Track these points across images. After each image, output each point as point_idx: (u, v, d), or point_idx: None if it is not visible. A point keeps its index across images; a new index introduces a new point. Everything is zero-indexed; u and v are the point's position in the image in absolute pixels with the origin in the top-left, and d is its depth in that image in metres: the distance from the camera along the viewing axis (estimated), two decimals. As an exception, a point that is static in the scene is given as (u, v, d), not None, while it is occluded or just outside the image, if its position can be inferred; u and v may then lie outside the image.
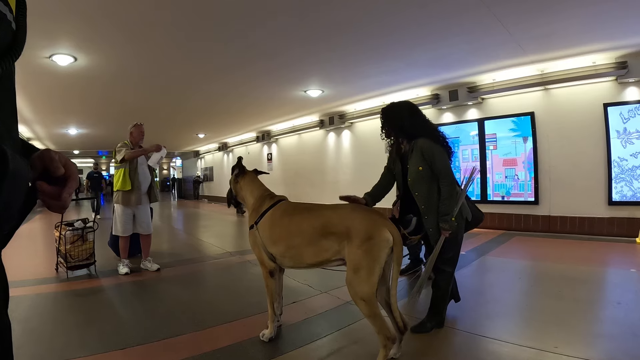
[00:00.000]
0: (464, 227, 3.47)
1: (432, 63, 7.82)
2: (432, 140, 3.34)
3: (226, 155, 23.30)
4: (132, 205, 5.66)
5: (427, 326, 3.37)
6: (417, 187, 3.33)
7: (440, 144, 3.40)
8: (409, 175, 3.39)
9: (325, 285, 4.76)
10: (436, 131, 3.53)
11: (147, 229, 5.88)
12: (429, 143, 3.30)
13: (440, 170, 3.24)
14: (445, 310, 3.49)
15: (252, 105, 11.91)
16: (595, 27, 5.87)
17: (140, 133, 5.78)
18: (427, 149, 3.27)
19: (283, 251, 3.06)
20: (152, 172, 5.89)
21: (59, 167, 0.77)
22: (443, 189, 3.24)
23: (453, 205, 3.25)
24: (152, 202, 5.93)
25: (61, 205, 0.79)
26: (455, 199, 3.28)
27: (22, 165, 0.66)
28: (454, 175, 3.33)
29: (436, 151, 3.27)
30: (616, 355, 2.75)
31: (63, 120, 13.81)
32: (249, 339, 3.29)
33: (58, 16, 5.11)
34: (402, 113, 3.48)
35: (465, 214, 3.43)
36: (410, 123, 3.44)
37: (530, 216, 8.51)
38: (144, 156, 5.77)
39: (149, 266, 5.86)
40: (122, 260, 5.77)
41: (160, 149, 5.68)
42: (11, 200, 0.63)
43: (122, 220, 5.68)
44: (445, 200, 3.22)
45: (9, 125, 0.71)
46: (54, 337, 3.42)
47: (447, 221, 3.20)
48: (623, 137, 7.23)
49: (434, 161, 3.25)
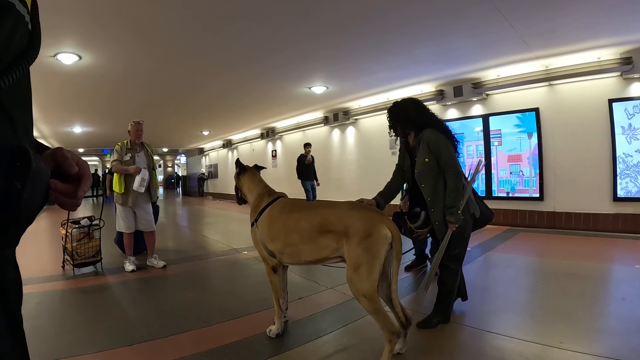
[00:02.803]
0: (471, 223, 3.47)
1: (436, 59, 7.80)
2: (438, 132, 3.36)
3: (231, 152, 23.32)
4: (128, 206, 5.70)
5: (432, 322, 3.38)
6: (424, 179, 3.35)
7: (446, 136, 3.41)
8: (416, 167, 3.41)
9: (331, 281, 4.78)
10: (442, 124, 3.54)
11: (149, 227, 5.91)
12: (435, 134, 3.32)
13: (446, 161, 3.25)
14: (451, 306, 3.51)
15: (257, 102, 11.93)
16: (600, 22, 5.84)
17: (136, 131, 5.75)
18: (433, 140, 3.29)
19: (281, 248, 3.09)
20: (151, 170, 5.84)
21: (73, 165, 0.78)
22: (448, 181, 3.25)
23: (459, 198, 3.25)
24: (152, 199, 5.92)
25: (75, 203, 0.80)
26: (461, 192, 3.28)
27: (43, 165, 0.68)
28: (460, 167, 3.33)
29: (442, 142, 3.28)
30: (621, 350, 2.75)
31: (68, 118, 13.87)
32: (255, 335, 3.31)
33: (62, 14, 5.12)
34: (407, 107, 3.51)
35: (472, 210, 3.43)
36: (416, 114, 3.46)
37: (535, 212, 8.49)
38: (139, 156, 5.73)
39: (155, 263, 5.89)
40: (128, 257, 5.82)
41: (139, 171, 5.53)
42: (33, 199, 0.65)
43: (124, 217, 5.73)
44: (451, 192, 3.23)
45: (27, 126, 0.72)
46: (61, 334, 3.46)
47: (454, 214, 3.21)
48: (628, 133, 7.19)
49: (440, 152, 3.26)
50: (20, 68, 0.66)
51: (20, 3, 0.66)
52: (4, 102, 0.64)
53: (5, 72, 0.62)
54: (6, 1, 0.63)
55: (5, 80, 0.62)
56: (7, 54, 0.65)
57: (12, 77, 0.63)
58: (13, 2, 0.64)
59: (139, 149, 5.80)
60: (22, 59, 0.67)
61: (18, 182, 0.61)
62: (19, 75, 0.65)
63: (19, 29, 0.67)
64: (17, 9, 0.65)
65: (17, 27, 0.67)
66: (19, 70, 0.65)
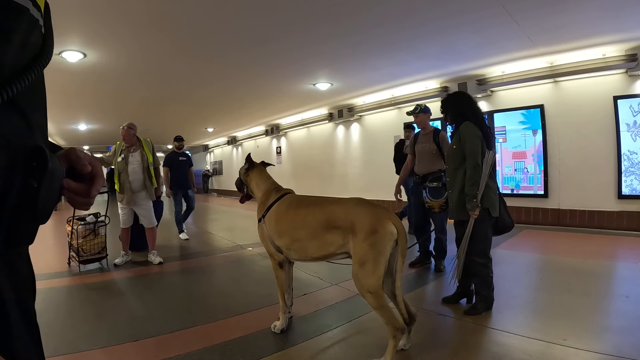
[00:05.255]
0: (488, 221, 3.63)
1: (440, 55, 7.78)
2: (475, 125, 3.60)
3: (235, 149, 23.36)
4: (125, 204, 5.79)
5: (477, 308, 3.59)
6: (449, 162, 3.83)
7: (482, 130, 3.62)
8: (447, 150, 3.92)
9: (335, 277, 4.81)
10: (482, 120, 3.77)
11: (148, 223, 5.97)
12: (470, 127, 3.60)
13: (468, 152, 3.54)
14: (491, 294, 3.66)
15: (261, 99, 11.94)
16: (605, 19, 5.80)
17: (123, 136, 5.79)
18: (464, 131, 3.60)
19: (288, 244, 3.12)
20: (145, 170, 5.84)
21: (86, 165, 0.79)
22: (467, 171, 3.53)
23: (474, 188, 3.47)
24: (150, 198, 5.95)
25: (88, 202, 0.82)
26: (477, 182, 3.48)
27: (58, 165, 0.70)
28: (479, 160, 3.52)
29: (470, 135, 3.56)
30: (624, 348, 2.76)
31: (73, 115, 13.92)
32: (260, 331, 3.34)
33: (67, 12, 5.13)
34: (462, 101, 3.88)
35: (487, 205, 3.55)
36: (467, 109, 3.78)
37: (540, 209, 8.48)
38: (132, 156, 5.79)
39: (152, 259, 5.96)
40: (121, 251, 5.96)
41: None
42: (49, 198, 0.67)
43: (120, 213, 5.87)
44: (468, 181, 3.51)
45: (42, 127, 0.74)
46: (67, 330, 3.50)
47: (469, 201, 3.49)
48: (633, 130, 7.16)
49: (466, 143, 3.56)
50: (36, 70, 0.67)
51: (34, 7, 0.68)
52: (20, 104, 0.66)
53: (22, 75, 0.64)
54: (21, 5, 0.64)
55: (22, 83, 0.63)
56: (23, 57, 0.66)
57: (29, 80, 0.65)
58: (27, 7, 0.65)
59: (133, 149, 5.84)
60: (37, 62, 0.68)
61: (35, 182, 0.63)
62: (34, 78, 0.66)
63: (33, 32, 0.69)
64: (31, 13, 0.67)
65: (32, 31, 0.68)
66: (35, 72, 0.67)
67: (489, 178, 3.55)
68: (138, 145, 5.89)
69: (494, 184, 3.64)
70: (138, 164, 5.77)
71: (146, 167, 5.82)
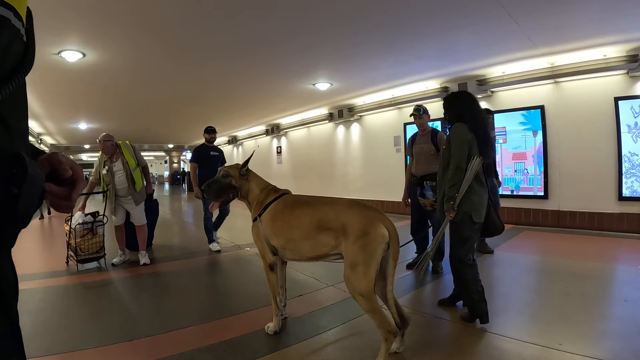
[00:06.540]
0: (469, 224, 3.46)
1: (440, 55, 7.75)
2: (467, 128, 3.50)
3: (236, 148, 23.38)
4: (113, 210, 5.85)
5: (468, 317, 3.48)
6: (440, 162, 3.74)
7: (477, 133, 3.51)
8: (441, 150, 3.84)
9: (331, 278, 4.79)
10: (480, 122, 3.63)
11: (139, 220, 5.98)
12: (459, 129, 3.51)
13: (452, 154, 3.46)
14: (479, 303, 3.38)
15: (262, 99, 11.94)
16: (606, 19, 5.76)
17: (102, 149, 5.81)
18: (452, 133, 3.54)
19: (283, 244, 3.12)
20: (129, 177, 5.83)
21: (67, 169, 0.83)
22: (449, 172, 3.47)
23: (453, 190, 3.40)
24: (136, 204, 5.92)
25: (69, 205, 0.85)
26: (457, 185, 3.40)
27: (38, 171, 0.74)
28: (462, 163, 3.42)
29: (458, 137, 3.48)
30: (622, 353, 2.74)
31: (73, 115, 13.95)
32: (255, 332, 3.34)
33: (66, 12, 5.14)
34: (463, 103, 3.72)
35: (468, 210, 3.42)
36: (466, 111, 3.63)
37: (540, 211, 8.44)
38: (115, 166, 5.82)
39: (140, 258, 5.97)
40: (119, 251, 6.01)
41: None
42: (30, 203, 0.70)
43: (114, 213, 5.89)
44: (448, 182, 3.46)
45: (23, 134, 0.77)
46: (64, 329, 3.50)
47: (447, 202, 3.43)
48: (634, 131, 7.13)
49: (452, 145, 3.49)
50: (17, 79, 0.69)
51: (15, 17, 0.70)
52: (1, 111, 0.68)
53: (3, 84, 0.66)
54: (2, 16, 0.67)
55: (3, 91, 0.66)
56: (4, 66, 0.69)
57: (10, 88, 0.67)
58: (8, 17, 0.68)
59: (115, 158, 5.84)
60: (19, 70, 0.71)
61: (15, 187, 0.66)
62: (16, 86, 0.69)
63: (15, 41, 0.71)
64: (12, 23, 0.69)
65: (13, 40, 0.71)
66: (16, 81, 0.69)
67: (479, 184, 3.47)
68: (119, 154, 5.88)
69: (482, 189, 3.50)
70: (122, 173, 5.80)
71: (129, 174, 5.82)
